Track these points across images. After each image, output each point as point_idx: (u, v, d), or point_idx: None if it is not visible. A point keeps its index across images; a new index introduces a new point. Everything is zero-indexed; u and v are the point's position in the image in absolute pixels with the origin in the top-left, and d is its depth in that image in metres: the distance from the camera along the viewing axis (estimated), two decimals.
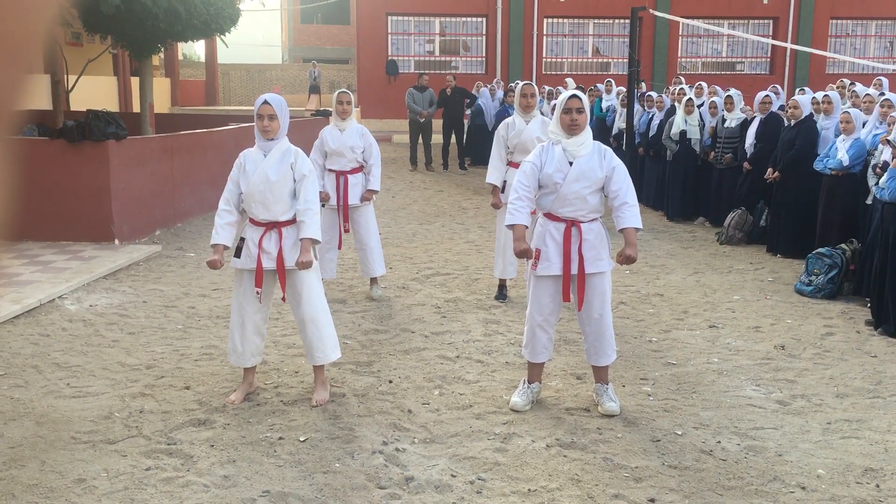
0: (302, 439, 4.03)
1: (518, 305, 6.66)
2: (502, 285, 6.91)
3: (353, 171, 6.61)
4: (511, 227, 4.31)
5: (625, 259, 4.20)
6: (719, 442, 4.10)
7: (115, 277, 7.25)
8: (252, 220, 4.49)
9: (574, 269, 4.32)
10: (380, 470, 3.73)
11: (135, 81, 18.83)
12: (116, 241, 8.33)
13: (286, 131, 4.52)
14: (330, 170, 6.58)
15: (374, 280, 6.84)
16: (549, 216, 4.39)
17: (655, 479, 3.69)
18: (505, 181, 6.39)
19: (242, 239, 4.48)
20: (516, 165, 6.09)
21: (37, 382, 4.76)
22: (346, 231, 6.73)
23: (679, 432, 4.21)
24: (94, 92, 18.49)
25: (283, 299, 4.60)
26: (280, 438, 4.04)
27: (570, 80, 16.55)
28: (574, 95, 4.34)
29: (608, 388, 4.51)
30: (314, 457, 3.85)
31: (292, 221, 4.44)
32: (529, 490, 3.58)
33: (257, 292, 4.45)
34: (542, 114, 6.73)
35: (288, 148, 4.48)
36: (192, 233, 9.48)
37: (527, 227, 4.31)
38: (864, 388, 4.89)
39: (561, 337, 5.82)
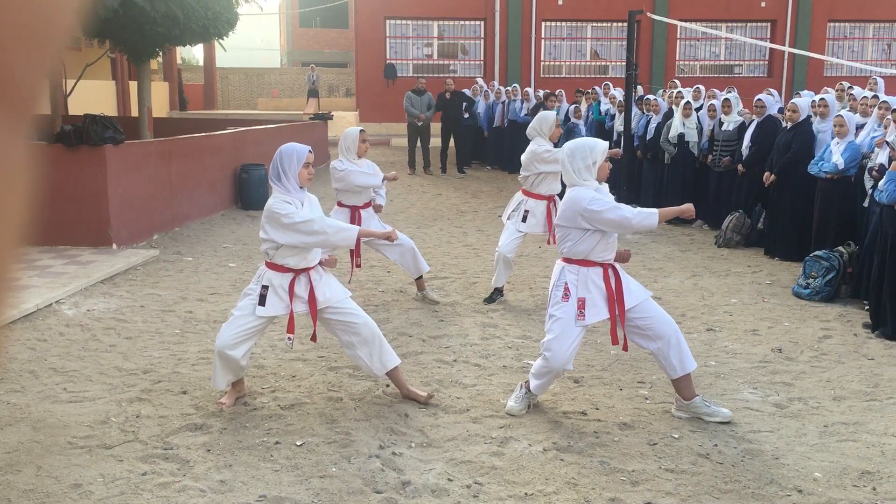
0: (299, 444, 4.03)
1: (515, 309, 6.66)
2: (500, 290, 6.95)
3: (366, 205, 6.64)
4: (656, 213, 4.30)
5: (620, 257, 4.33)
6: (716, 445, 4.10)
7: (113, 282, 7.25)
8: (276, 268, 4.41)
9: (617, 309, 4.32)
10: (376, 474, 3.72)
11: (133, 85, 18.83)
12: (114, 246, 8.33)
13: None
14: (342, 204, 6.58)
15: (421, 280, 6.83)
16: (584, 262, 4.33)
17: (652, 483, 3.69)
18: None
19: (265, 287, 4.40)
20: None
21: (33, 387, 4.75)
22: (358, 266, 6.74)
23: (676, 435, 4.21)
24: (92, 96, 18.50)
25: (314, 339, 4.64)
26: (277, 443, 4.04)
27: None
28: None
29: (705, 400, 4.43)
30: (311, 461, 3.85)
31: (313, 266, 4.47)
32: (526, 494, 3.58)
33: (289, 338, 4.49)
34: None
35: (306, 195, 4.47)
36: (189, 237, 9.48)
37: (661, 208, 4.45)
38: (862, 391, 4.89)
39: None
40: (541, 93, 15.57)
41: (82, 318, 6.18)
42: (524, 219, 6.76)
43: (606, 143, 4.45)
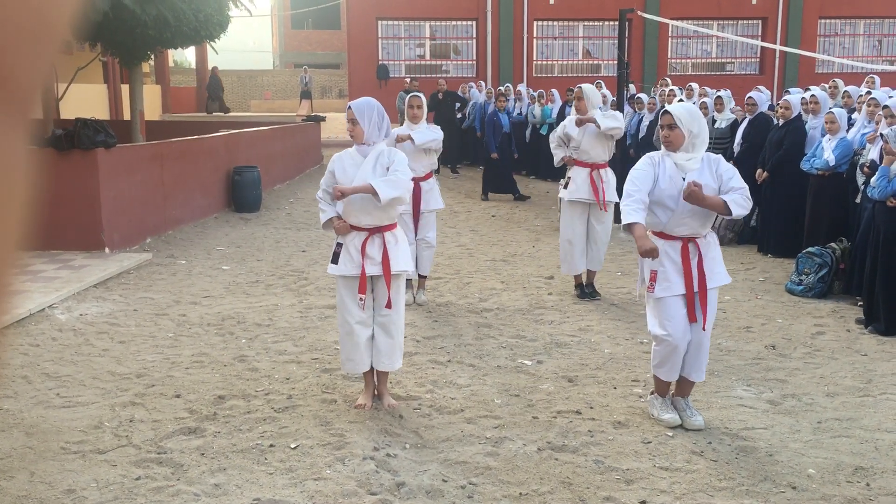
0: (293, 446, 4.02)
1: (509, 309, 6.66)
2: (578, 283, 6.96)
3: (426, 177, 6.65)
4: (629, 226, 4.10)
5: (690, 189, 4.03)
6: (710, 443, 4.10)
7: (106, 286, 7.23)
8: (352, 226, 4.38)
9: (696, 287, 4.17)
10: (371, 476, 3.72)
11: (125, 89, 18.79)
12: (107, 250, 8.31)
13: (383, 135, 4.41)
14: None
15: (422, 279, 6.83)
16: (662, 235, 4.22)
17: (647, 481, 3.69)
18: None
19: (339, 244, 4.37)
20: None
21: (26, 393, 4.73)
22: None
23: (670, 433, 4.21)
24: (84, 100, 18.44)
25: (388, 306, 4.43)
26: (271, 446, 4.03)
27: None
28: (666, 112, 4.23)
29: (689, 402, 4.39)
30: (305, 464, 3.84)
31: (394, 226, 4.40)
32: (521, 494, 3.58)
33: (361, 299, 4.37)
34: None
35: (382, 150, 4.38)
36: (182, 240, 9.46)
37: (644, 227, 4.13)
38: (855, 387, 4.91)
39: (553, 340, 5.83)
40: (532, 91, 15.56)
41: (75, 322, 6.16)
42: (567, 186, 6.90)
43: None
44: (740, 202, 4.08)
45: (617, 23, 11.46)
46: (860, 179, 7.06)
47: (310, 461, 3.86)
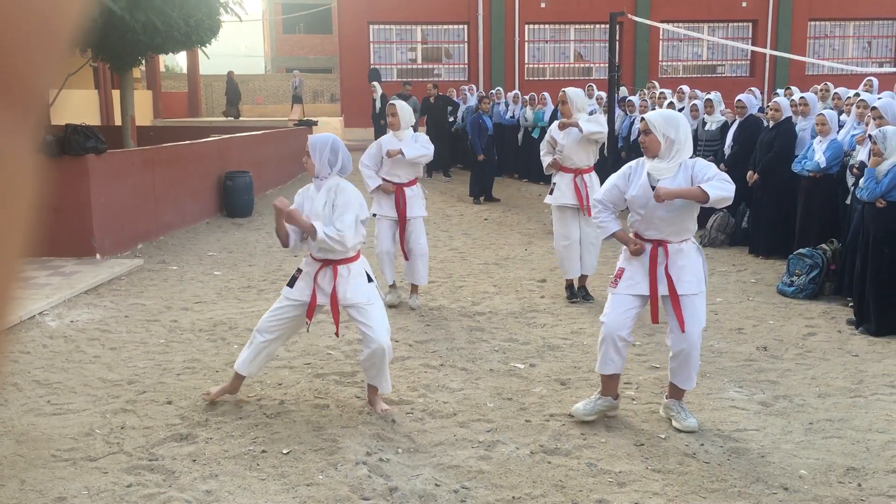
0: (285, 452, 4.01)
1: (502, 312, 6.67)
2: (569, 285, 6.99)
3: (410, 183, 6.65)
4: (610, 237, 4.42)
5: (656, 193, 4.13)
6: (702, 444, 4.11)
7: (97, 292, 7.20)
8: (311, 255, 4.54)
9: (664, 290, 4.23)
10: (363, 481, 3.71)
11: (116, 94, 18.75)
12: (98, 256, 8.28)
13: (335, 172, 4.47)
14: (386, 180, 6.60)
15: (415, 288, 6.85)
16: (637, 236, 4.35)
17: (639, 484, 3.70)
18: None
19: (299, 270, 4.55)
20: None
21: (17, 400, 4.71)
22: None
23: (662, 436, 4.22)
24: (74, 106, 18.38)
25: (336, 334, 4.81)
26: (263, 451, 4.01)
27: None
28: (643, 118, 4.33)
29: (681, 404, 4.38)
30: (297, 469, 3.83)
31: (349, 260, 4.46)
32: (514, 497, 3.57)
33: (307, 323, 4.57)
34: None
35: (332, 186, 4.46)
36: (174, 246, 9.43)
37: (623, 230, 4.41)
38: (846, 388, 4.92)
39: (545, 343, 5.83)
40: (521, 95, 15.58)
41: (66, 329, 6.13)
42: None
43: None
44: (717, 185, 4.06)
45: (607, 26, 11.50)
46: (850, 181, 7.09)
47: (302, 466, 3.85)
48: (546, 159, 6.97)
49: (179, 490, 3.63)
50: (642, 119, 4.31)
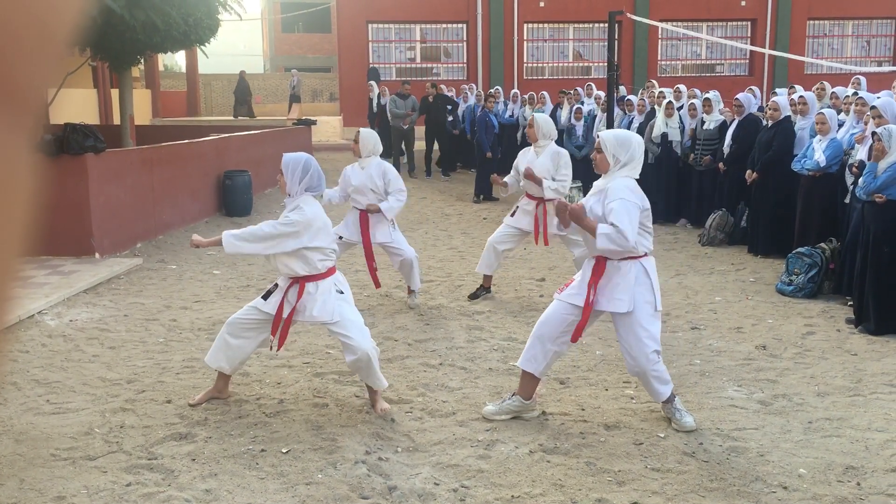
0: (284, 451, 4.01)
1: (501, 311, 6.67)
2: (486, 287, 7.05)
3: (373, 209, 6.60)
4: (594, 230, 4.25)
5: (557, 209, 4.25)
6: (701, 444, 4.11)
7: (96, 291, 7.20)
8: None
9: (599, 306, 4.24)
10: (363, 480, 3.71)
11: (115, 93, 18.73)
12: (97, 255, 8.27)
13: (302, 190, 4.49)
14: (355, 207, 6.59)
15: (411, 290, 6.84)
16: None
17: (638, 483, 3.70)
18: None
19: (276, 284, 4.58)
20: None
21: (16, 399, 4.71)
22: (376, 269, 6.66)
23: (661, 435, 4.22)
24: (73, 105, 18.37)
25: (278, 349, 4.65)
26: (262, 450, 4.02)
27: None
28: (598, 135, 4.41)
29: (679, 403, 4.36)
30: (296, 468, 3.83)
31: (316, 277, 4.46)
32: (513, 496, 3.58)
33: (270, 339, 4.54)
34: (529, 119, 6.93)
35: (293, 206, 4.48)
36: (173, 245, 9.43)
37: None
38: (845, 387, 4.92)
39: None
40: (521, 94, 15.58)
41: (65, 328, 6.13)
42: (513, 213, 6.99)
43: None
44: (611, 235, 4.01)
45: (606, 25, 11.49)
46: (849, 180, 7.09)
47: (301, 466, 3.85)
48: (504, 178, 6.93)
49: (179, 489, 3.63)
50: (597, 136, 4.37)
